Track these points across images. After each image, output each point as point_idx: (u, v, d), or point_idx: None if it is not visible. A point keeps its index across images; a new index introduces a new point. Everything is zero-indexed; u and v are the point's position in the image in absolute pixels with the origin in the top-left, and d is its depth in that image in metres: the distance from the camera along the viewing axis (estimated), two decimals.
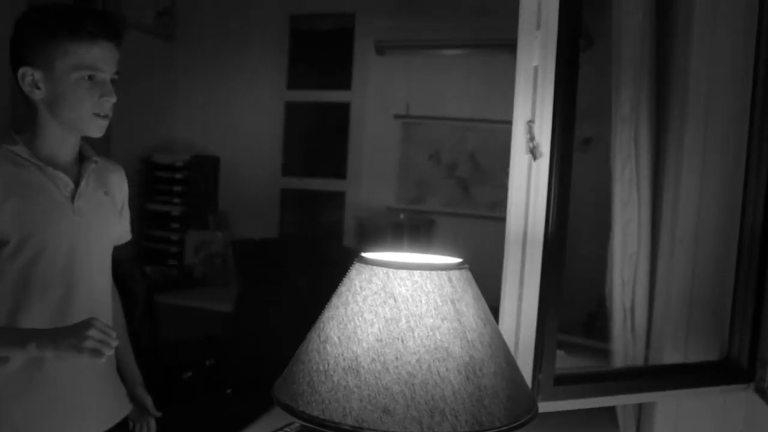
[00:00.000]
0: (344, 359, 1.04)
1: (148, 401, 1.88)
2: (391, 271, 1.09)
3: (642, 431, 2.03)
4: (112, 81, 1.61)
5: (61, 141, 1.62)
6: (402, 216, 4.06)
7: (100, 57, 1.56)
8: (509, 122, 3.99)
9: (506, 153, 4.40)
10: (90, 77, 1.55)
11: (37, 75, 1.55)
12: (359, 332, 1.05)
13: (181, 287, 4.04)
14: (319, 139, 4.69)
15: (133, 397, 1.85)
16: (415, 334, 1.04)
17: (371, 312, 1.06)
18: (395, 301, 1.06)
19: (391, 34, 4.11)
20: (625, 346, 2.15)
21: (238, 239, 4.28)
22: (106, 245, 1.72)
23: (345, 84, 4.38)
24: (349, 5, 4.37)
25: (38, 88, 1.56)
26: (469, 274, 1.16)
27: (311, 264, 3.49)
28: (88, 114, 1.57)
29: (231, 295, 3.68)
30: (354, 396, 1.01)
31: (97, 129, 1.61)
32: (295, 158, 4.60)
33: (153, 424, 1.90)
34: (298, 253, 3.67)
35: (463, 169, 4.17)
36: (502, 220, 4.04)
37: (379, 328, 1.05)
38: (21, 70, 1.55)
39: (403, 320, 1.05)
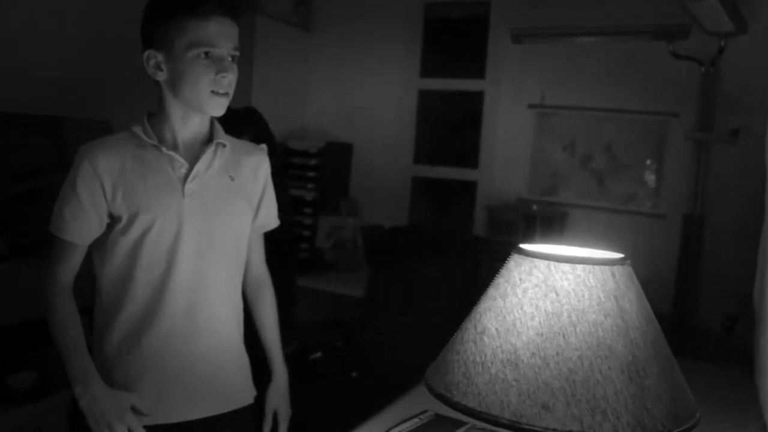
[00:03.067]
0: (502, 351, 1.03)
1: (282, 411, 1.91)
2: (552, 264, 1.06)
3: None
4: (233, 58, 1.61)
5: (183, 122, 1.66)
6: (535, 207, 3.98)
7: (216, 33, 1.57)
8: (648, 113, 3.86)
9: (644, 144, 4.25)
10: (206, 54, 1.56)
11: (159, 56, 1.59)
12: (518, 325, 1.04)
13: (313, 271, 4.12)
14: (452, 128, 4.66)
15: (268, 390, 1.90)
16: (577, 330, 1.01)
17: (531, 305, 1.04)
18: (557, 295, 1.04)
19: (527, 21, 4.02)
20: None
21: (369, 225, 4.34)
22: (226, 232, 1.72)
23: (479, 73, 4.33)
24: None
25: (161, 70, 1.60)
26: (631, 271, 1.12)
27: (441, 252, 3.49)
28: (206, 91, 1.59)
29: (360, 281, 3.73)
30: (512, 390, 0.99)
31: (215, 107, 1.62)
32: (426, 146, 4.60)
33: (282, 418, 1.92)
34: (428, 241, 3.67)
35: (599, 161, 4.05)
36: (638, 214, 3.93)
37: (540, 322, 1.03)
38: (146, 53, 1.61)
39: (565, 315, 1.02)
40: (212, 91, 1.59)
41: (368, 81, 4.60)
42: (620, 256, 1.13)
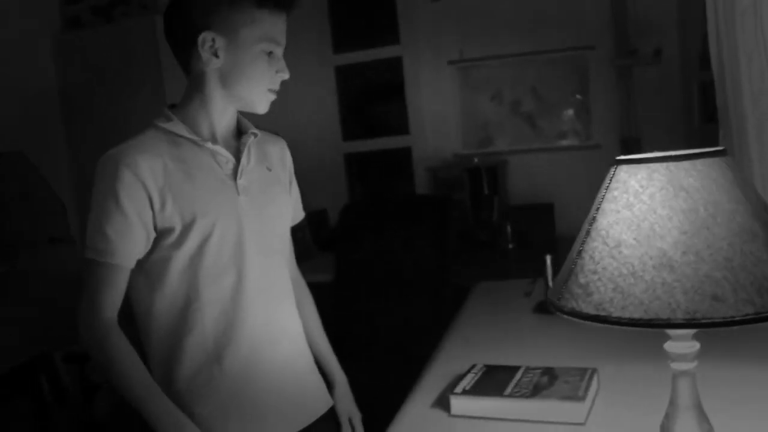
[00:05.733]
0: (651, 258, 1.02)
1: (355, 414, 1.80)
2: (672, 164, 1.06)
3: None
4: None
5: (221, 114, 1.51)
6: (476, 159, 4.03)
7: (282, 30, 1.48)
8: (566, 49, 3.95)
9: (568, 81, 4.34)
10: (270, 51, 1.47)
11: (219, 42, 1.43)
12: (658, 229, 1.03)
13: None
14: (376, 99, 4.64)
15: (335, 396, 1.78)
16: (718, 221, 1.02)
17: (665, 207, 1.04)
18: (687, 192, 1.04)
19: None
20: None
21: (312, 211, 4.26)
22: (277, 227, 1.59)
23: (393, 38, 4.33)
24: None
25: (216, 57, 1.44)
26: (734, 162, 1.14)
27: (404, 218, 3.47)
28: (264, 89, 1.48)
29: (316, 268, 3.65)
30: (677, 290, 0.99)
31: (266, 105, 1.52)
32: (354, 122, 4.56)
33: (357, 421, 1.81)
34: (386, 211, 3.65)
35: (527, 104, 4.14)
36: (574, 148, 4.03)
37: (680, 221, 1.03)
38: (202, 35, 1.43)
39: (702, 209, 1.03)
40: (269, 90, 1.50)
41: None
42: (720, 148, 1.15)
